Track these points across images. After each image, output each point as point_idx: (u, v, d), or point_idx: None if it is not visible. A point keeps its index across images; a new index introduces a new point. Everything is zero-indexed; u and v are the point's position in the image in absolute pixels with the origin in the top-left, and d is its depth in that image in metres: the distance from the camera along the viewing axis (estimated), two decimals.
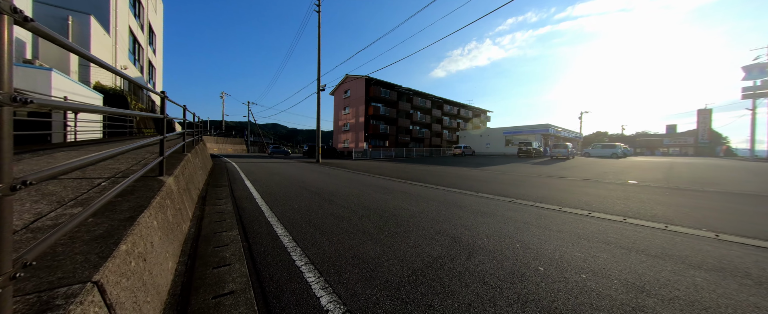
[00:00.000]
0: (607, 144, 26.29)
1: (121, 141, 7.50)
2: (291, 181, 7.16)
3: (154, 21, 26.11)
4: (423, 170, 11.36)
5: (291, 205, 4.30)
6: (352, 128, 37.45)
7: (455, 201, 4.91)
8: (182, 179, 3.52)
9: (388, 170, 11.36)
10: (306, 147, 31.54)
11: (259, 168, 11.10)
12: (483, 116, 55.61)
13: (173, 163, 3.77)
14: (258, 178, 7.71)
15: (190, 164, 4.71)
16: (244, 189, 5.75)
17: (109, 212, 1.76)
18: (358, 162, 17.87)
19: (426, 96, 42.05)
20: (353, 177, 8.63)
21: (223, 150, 43.39)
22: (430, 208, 4.27)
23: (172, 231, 2.26)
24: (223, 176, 7.89)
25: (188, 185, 3.90)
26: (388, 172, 10.29)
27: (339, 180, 7.55)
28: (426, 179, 8.08)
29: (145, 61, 22.49)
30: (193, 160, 5.48)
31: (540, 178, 8.61)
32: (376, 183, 7.14)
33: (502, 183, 7.24)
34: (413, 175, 9.16)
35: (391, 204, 4.57)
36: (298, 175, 8.71)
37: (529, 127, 31.01)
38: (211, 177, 7.41)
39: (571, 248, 2.60)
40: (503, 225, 3.34)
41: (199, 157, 7.18)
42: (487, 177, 8.81)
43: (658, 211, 4.18)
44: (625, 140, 63.40)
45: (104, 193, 1.61)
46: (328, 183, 6.89)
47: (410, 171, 11.00)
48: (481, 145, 35.96)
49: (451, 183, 7.15)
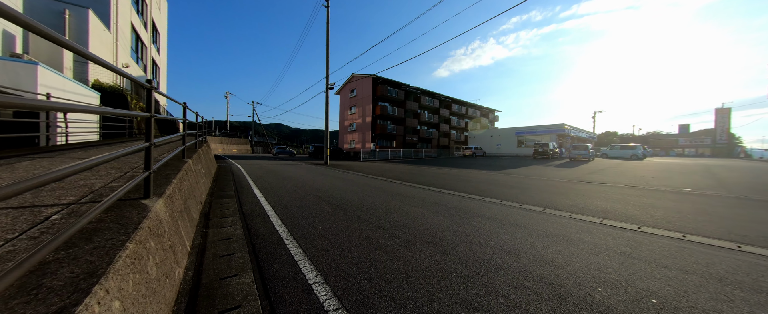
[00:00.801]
0: (626, 145, 25.16)
1: (115, 144, 6.79)
2: (305, 189, 6.38)
3: (158, 19, 25.58)
4: (442, 174, 10.52)
5: (314, 226, 3.50)
6: (359, 128, 36.68)
7: (505, 216, 4.08)
8: (179, 198, 2.74)
9: (404, 174, 10.54)
10: (312, 147, 30.85)
11: (268, 173, 10.35)
12: (491, 115, 54.48)
13: (168, 176, 2.99)
14: (268, 185, 6.94)
15: (190, 174, 3.94)
16: (254, 202, 4.97)
17: (33, 289, 0.96)
18: (367, 164, 17.08)
19: (434, 95, 41.12)
20: (371, 182, 7.83)
21: (228, 150, 42.90)
22: (485, 229, 3.44)
23: (155, 293, 1.45)
24: (229, 183, 7.14)
25: (187, 202, 3.12)
26: (405, 177, 9.47)
27: (357, 187, 6.76)
28: (453, 185, 7.24)
29: (149, 59, 21.94)
30: (195, 168, 4.71)
31: (576, 184, 7.72)
32: (399, 190, 6.32)
33: (540, 191, 6.37)
34: (435, 180, 8.32)
35: (433, 222, 3.75)
36: (310, 181, 7.93)
37: (543, 126, 29.88)
38: (216, 185, 6.65)
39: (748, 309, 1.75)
40: (601, 260, 2.49)
41: (203, 162, 6.44)
42: (517, 182, 7.94)
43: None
44: (637, 140, 61.80)
45: (39, 246, 0.82)
46: (347, 191, 6.10)
47: (428, 174, 10.17)
48: (492, 145, 34.93)
49: (484, 191, 6.31)
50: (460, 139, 46.70)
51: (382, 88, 33.85)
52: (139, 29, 19.01)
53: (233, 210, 4.26)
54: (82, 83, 8.96)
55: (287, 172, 10.47)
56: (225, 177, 8.26)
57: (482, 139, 37.24)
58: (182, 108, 4.21)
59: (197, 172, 4.83)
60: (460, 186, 7.12)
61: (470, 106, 48.86)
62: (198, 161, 5.44)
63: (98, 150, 5.00)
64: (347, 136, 39.75)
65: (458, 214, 4.19)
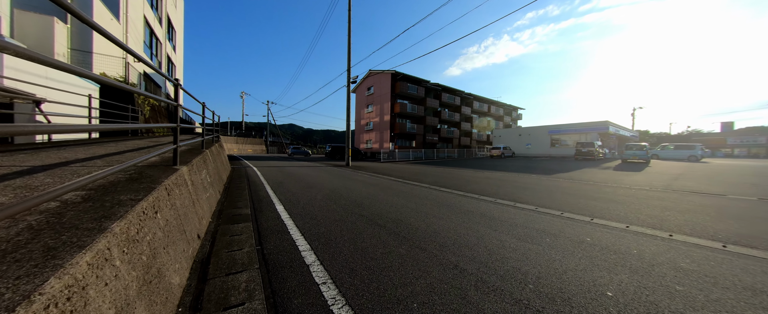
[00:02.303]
0: (683, 144, 22.30)
1: (106, 143, 5.46)
2: (339, 202, 4.79)
3: (173, 16, 24.97)
4: (486, 179, 8.68)
5: (382, 281, 1.89)
6: (376, 127, 35.11)
7: (634, 249, 2.30)
8: (145, 252, 1.18)
9: (443, 178, 8.78)
10: (328, 147, 29.54)
11: (288, 177, 8.89)
12: (514, 114, 51.58)
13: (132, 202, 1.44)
14: (292, 197, 5.41)
15: (182, 198, 2.40)
16: (278, 227, 3.42)
17: None
18: (390, 166, 15.44)
19: (455, 92, 38.93)
20: (414, 191, 6.16)
21: (243, 150, 42.49)
22: (635, 283, 1.70)
23: None
24: (243, 193, 5.66)
25: (168, 243, 1.56)
26: (446, 182, 7.72)
27: (400, 198, 5.11)
28: (514, 195, 5.44)
29: (164, 56, 21.20)
30: (193, 179, 3.20)
31: (678, 195, 5.76)
32: (453, 202, 4.62)
33: (638, 205, 4.48)
34: (487, 188, 6.54)
35: (544, 258, 2.03)
36: (342, 189, 6.35)
37: (583, 124, 27.07)
38: (227, 196, 5.18)
39: None
40: None
41: (212, 166, 4.97)
42: (593, 192, 6.02)
43: None
44: (674, 139, 56.97)
45: None
46: (391, 204, 4.47)
47: (471, 179, 8.36)
48: (520, 145, 32.42)
49: (559, 204, 4.53)
50: (481, 139, 44.23)
51: (402, 85, 32.09)
52: (153, 24, 18.17)
53: (247, 243, 2.71)
54: None
55: (310, 177, 8.97)
56: (239, 184, 6.83)
57: (509, 139, 34.73)
58: (174, 88, 2.73)
59: (197, 185, 3.32)
60: (526, 197, 5.35)
61: (493, 103, 46.25)
62: (201, 169, 3.95)
63: (83, 149, 3.57)
64: (364, 136, 38.29)
65: (572, 244, 2.44)
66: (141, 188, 1.92)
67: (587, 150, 19.76)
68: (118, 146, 4.72)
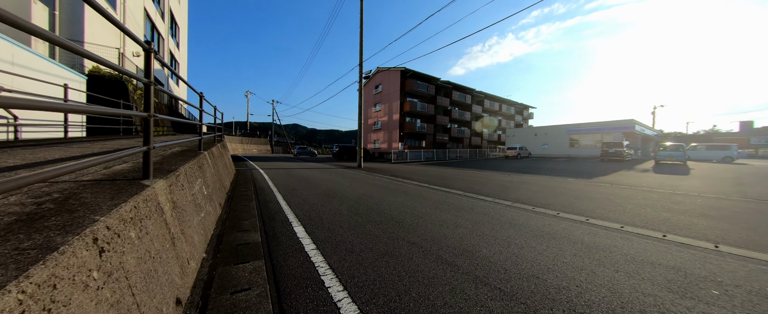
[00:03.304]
0: (715, 144, 20.84)
1: (85, 142, 4.47)
2: (372, 219, 3.71)
3: (177, 12, 24.15)
4: (521, 183, 7.51)
5: None
6: (384, 126, 34.00)
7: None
8: None
9: (472, 183, 7.63)
10: (336, 148, 28.52)
11: (300, 182, 7.85)
12: (525, 112, 50.03)
13: None
14: (310, 210, 4.35)
15: (146, 242, 1.33)
16: (303, 269, 2.35)
17: None
18: (404, 167, 14.34)
19: (465, 90, 37.60)
20: (451, 200, 5.05)
21: (248, 150, 41.75)
22: None
23: None
24: (250, 205, 4.61)
25: None
26: (481, 189, 6.59)
27: (444, 212, 4.01)
28: (575, 207, 4.31)
29: (166, 52, 20.36)
30: (178, 207, 2.14)
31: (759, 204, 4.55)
32: (512, 218, 3.50)
33: (736, 219, 3.30)
34: (533, 196, 5.39)
35: None
36: (367, 198, 5.27)
37: (605, 123, 25.52)
38: (230, 210, 4.14)
39: None
40: None
41: (209, 176, 3.94)
42: (663, 202, 4.83)
43: None
44: (691, 139, 54.88)
45: None
46: (439, 222, 3.38)
47: (507, 184, 7.20)
48: (536, 145, 30.99)
49: (645, 219, 3.41)
50: (492, 138, 42.82)
51: (411, 83, 30.92)
52: (155, 18, 17.31)
53: (260, 299, 1.64)
54: (53, 60, 6.84)
55: (324, 181, 7.90)
56: (244, 192, 5.79)
57: (524, 138, 33.30)
58: (145, 58, 1.68)
59: (185, 207, 2.26)
60: (596, 210, 4.19)
61: (504, 101, 44.78)
62: (197, 176, 2.90)
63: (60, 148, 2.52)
64: (371, 136, 37.21)
65: None
66: (27, 248, 0.85)
67: (615, 150, 18.42)
68: (86, 148, 3.70)
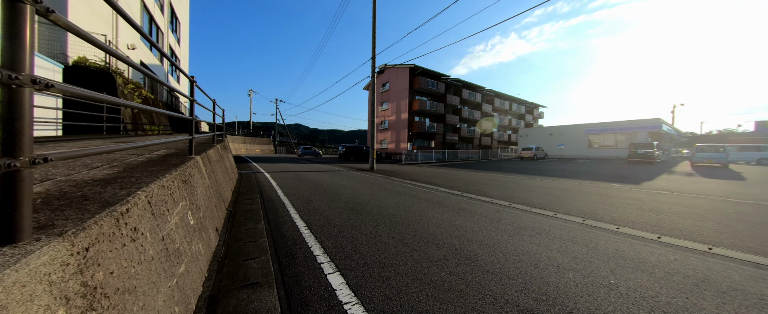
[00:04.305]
0: (749, 145, 19.48)
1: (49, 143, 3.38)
2: (427, 249, 2.57)
3: (177, 6, 23.13)
4: (560, 189, 6.31)
5: None
6: (392, 126, 32.84)
7: None
8: None
9: (508, 190, 6.44)
10: (342, 148, 27.40)
11: (313, 189, 6.71)
12: (536, 111, 48.61)
13: None
14: (339, 235, 3.21)
15: None
16: None
17: None
18: (420, 170, 13.17)
19: (476, 88, 36.31)
20: (504, 215, 3.88)
21: (251, 151, 40.79)
22: None
23: None
24: (257, 228, 3.48)
25: None
26: (525, 197, 5.39)
27: (520, 239, 2.83)
28: (674, 227, 3.13)
29: (166, 47, 19.33)
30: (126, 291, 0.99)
31: None
32: (609, 246, 2.32)
33: None
34: (587, 207, 4.21)
35: None
36: (400, 212, 4.12)
37: (629, 123, 24.07)
38: (231, 238, 3.00)
39: None
40: None
41: (199, 195, 2.81)
42: (757, 215, 3.62)
43: None
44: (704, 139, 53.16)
45: None
46: (529, 260, 2.21)
47: (549, 191, 6.00)
48: (552, 145, 29.67)
49: (752, 241, 2.19)
50: (503, 139, 41.49)
51: (420, 80, 29.71)
52: (153, 10, 16.26)
53: None
54: None
55: (342, 189, 6.75)
56: (249, 207, 4.66)
57: (538, 138, 31.94)
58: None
59: (142, 276, 1.11)
60: (700, 232, 3.00)
61: (514, 100, 43.41)
62: (180, 198, 1.76)
63: None
64: (378, 135, 36.06)
65: None
66: None
67: (644, 151, 17.12)
68: None
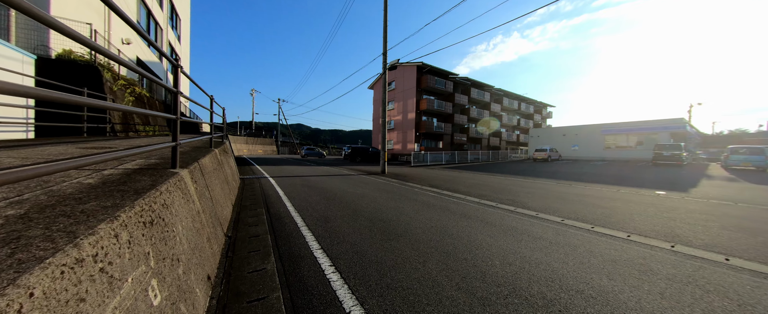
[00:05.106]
0: None
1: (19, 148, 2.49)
2: (508, 305, 1.64)
3: (178, 2, 22.36)
4: (603, 198, 5.30)
5: None
6: (398, 126, 31.87)
7: None
8: None
9: (546, 198, 5.44)
10: (348, 149, 26.46)
11: (328, 201, 5.76)
12: (544, 111, 47.45)
13: None
14: (382, 283, 2.26)
15: None
16: None
17: None
18: (434, 173, 12.19)
19: (484, 87, 35.26)
20: (556, 236, 2.92)
21: (253, 151, 40.00)
22: None
23: None
24: (267, 267, 2.54)
25: None
26: (579, 212, 4.40)
27: (600, 276, 1.89)
28: None
29: (165, 44, 18.49)
30: None
31: None
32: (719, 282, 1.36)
33: None
34: (659, 224, 3.23)
35: None
36: (445, 237, 3.17)
37: (649, 122, 22.93)
38: (227, 299, 2.07)
39: None
40: None
41: (186, 223, 1.87)
42: None
43: None
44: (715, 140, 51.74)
45: None
46: None
47: (596, 202, 5.00)
48: (565, 146, 28.58)
49: None
50: (511, 139, 40.41)
51: (428, 79, 28.73)
52: (151, 4, 15.42)
53: None
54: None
55: (360, 199, 5.79)
56: (254, 232, 3.72)
57: (550, 139, 30.84)
58: None
59: None
60: None
61: (523, 100, 42.29)
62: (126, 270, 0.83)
63: None
64: None
65: None
66: None
67: (671, 153, 16.04)
68: None
